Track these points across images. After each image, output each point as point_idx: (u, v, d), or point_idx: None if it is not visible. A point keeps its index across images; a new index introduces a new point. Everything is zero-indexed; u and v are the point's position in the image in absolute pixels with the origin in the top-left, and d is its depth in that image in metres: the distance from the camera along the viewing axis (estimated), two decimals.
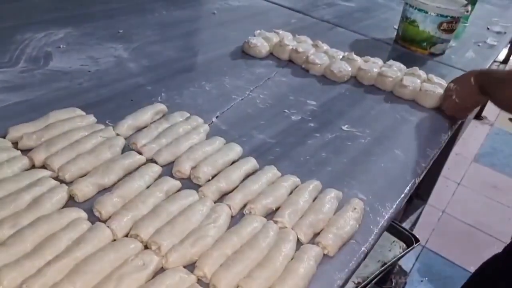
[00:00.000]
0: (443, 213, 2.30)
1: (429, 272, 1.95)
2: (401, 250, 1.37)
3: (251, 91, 1.10)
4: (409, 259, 1.95)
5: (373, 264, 1.31)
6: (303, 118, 1.03)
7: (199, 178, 0.76)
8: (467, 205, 2.38)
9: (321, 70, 1.23)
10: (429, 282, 1.91)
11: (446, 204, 2.36)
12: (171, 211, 0.68)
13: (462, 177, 2.60)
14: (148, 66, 1.13)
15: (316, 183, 0.80)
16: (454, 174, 2.57)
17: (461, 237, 2.17)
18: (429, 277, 1.93)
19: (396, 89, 1.20)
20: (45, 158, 0.74)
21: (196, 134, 0.87)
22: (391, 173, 0.90)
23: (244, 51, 1.29)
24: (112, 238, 0.63)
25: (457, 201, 2.40)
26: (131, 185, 0.71)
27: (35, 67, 1.04)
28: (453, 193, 2.46)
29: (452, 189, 2.49)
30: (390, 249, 1.38)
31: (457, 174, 2.60)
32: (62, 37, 1.20)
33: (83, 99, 0.95)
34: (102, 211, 0.67)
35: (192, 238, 0.64)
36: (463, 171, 2.65)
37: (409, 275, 1.90)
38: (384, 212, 0.79)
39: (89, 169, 0.74)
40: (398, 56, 1.46)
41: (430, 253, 2.05)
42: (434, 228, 2.19)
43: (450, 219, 2.28)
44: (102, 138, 0.81)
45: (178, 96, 1.02)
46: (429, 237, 2.12)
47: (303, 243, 0.69)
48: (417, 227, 1.88)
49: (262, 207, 0.72)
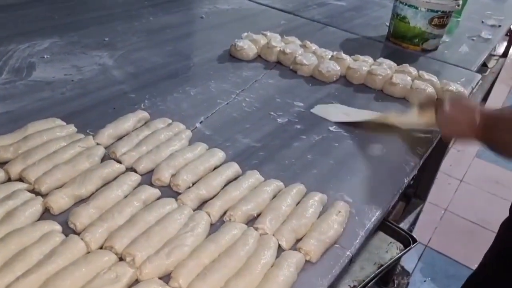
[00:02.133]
0: (446, 211, 2.27)
1: (432, 272, 1.92)
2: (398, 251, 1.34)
3: (237, 95, 1.08)
4: (412, 259, 1.92)
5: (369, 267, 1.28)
6: (289, 120, 1.01)
7: (178, 185, 0.75)
8: (470, 202, 2.35)
9: (309, 70, 1.21)
10: (432, 282, 1.88)
11: (448, 202, 2.32)
12: (148, 221, 0.66)
13: (464, 173, 2.56)
14: (132, 73, 1.12)
15: (300, 186, 0.78)
16: (456, 171, 2.53)
17: (465, 235, 2.13)
18: (432, 276, 1.89)
19: (386, 87, 1.18)
20: (21, 171, 0.73)
21: (178, 140, 0.85)
22: (380, 173, 0.88)
23: (231, 55, 1.27)
24: (86, 251, 0.62)
25: (460, 199, 2.36)
26: (108, 195, 0.70)
27: (18, 78, 1.03)
28: (456, 190, 2.43)
29: (454, 186, 2.46)
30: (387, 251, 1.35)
31: (459, 171, 2.56)
32: (47, 47, 1.19)
33: (65, 109, 0.93)
34: (76, 223, 0.65)
35: (168, 248, 0.62)
36: (466, 167, 2.62)
37: (411, 275, 1.87)
38: (371, 215, 0.77)
39: (66, 180, 0.73)
40: (390, 53, 1.44)
41: (433, 252, 2.01)
42: (437, 227, 2.15)
43: (453, 217, 2.24)
44: (81, 148, 0.79)
45: (162, 102, 1.01)
46: (431, 236, 2.09)
47: (285, 249, 0.67)
48: (419, 226, 1.85)
49: (243, 213, 0.70)
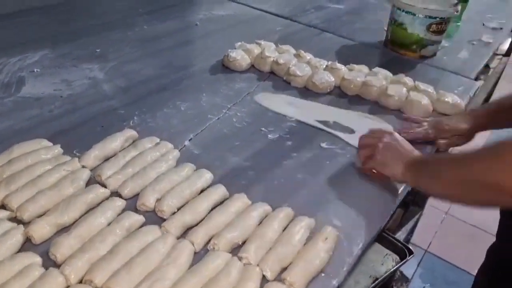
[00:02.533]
0: (446, 214, 2.25)
1: (432, 277, 1.90)
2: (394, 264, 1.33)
3: (228, 109, 1.07)
4: (411, 265, 1.91)
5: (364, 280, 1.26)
6: (280, 137, 0.99)
7: (163, 211, 0.73)
8: None
9: (303, 81, 1.19)
10: (431, 287, 1.86)
11: (449, 205, 2.30)
12: (130, 251, 0.65)
13: None
14: (123, 87, 1.10)
15: (287, 210, 0.77)
16: None
17: (465, 239, 2.12)
18: (431, 282, 1.88)
19: (381, 98, 1.15)
20: (3, 198, 0.72)
21: (165, 161, 0.84)
22: (371, 194, 0.86)
23: (224, 65, 1.26)
24: (66, 285, 0.61)
25: None
26: (91, 223, 0.69)
27: (6, 95, 1.02)
28: None
29: None
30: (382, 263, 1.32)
31: None
32: (37, 60, 1.18)
33: (52, 128, 0.92)
34: (57, 254, 0.64)
35: (149, 281, 0.61)
36: None
37: (410, 281, 1.85)
38: (360, 240, 0.76)
39: (50, 207, 0.72)
40: (387, 61, 1.41)
41: (433, 257, 2.00)
42: (437, 231, 2.14)
43: (454, 220, 2.22)
44: (66, 172, 0.78)
45: (152, 119, 0.99)
46: (431, 241, 2.07)
47: (269, 280, 0.66)
48: (419, 230, 1.83)
49: (227, 241, 0.69)
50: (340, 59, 1.31)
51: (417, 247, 2.00)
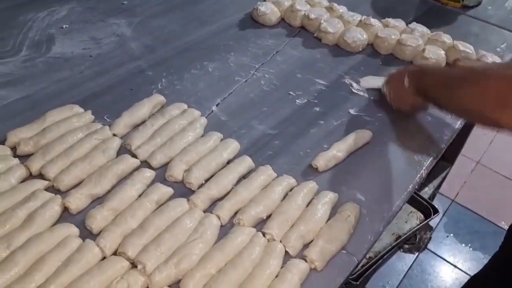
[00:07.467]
0: (478, 164, 2.21)
1: (456, 228, 1.92)
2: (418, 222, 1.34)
3: (256, 70, 1.05)
4: None
5: (387, 237, 1.29)
6: (308, 101, 0.98)
7: (191, 184, 0.76)
8: (505, 154, 2.27)
9: (334, 39, 1.14)
10: (454, 237, 1.89)
11: (481, 154, 2.26)
12: (159, 226, 0.68)
13: None
14: (150, 46, 1.09)
15: (312, 185, 0.78)
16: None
17: (494, 190, 2.09)
18: (455, 232, 1.90)
19: (417, 60, 1.10)
20: (40, 167, 0.76)
21: (192, 130, 0.85)
22: (397, 165, 0.85)
23: (253, 19, 1.22)
24: (101, 256, 0.65)
25: (494, 151, 2.28)
26: (122, 196, 0.72)
27: (37, 55, 1.03)
28: (491, 142, 2.34)
29: (490, 137, 2.36)
30: (406, 221, 1.35)
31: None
32: (66, 14, 1.17)
33: (82, 92, 0.94)
34: (92, 226, 0.68)
35: (177, 257, 0.65)
36: None
37: (434, 230, 1.88)
38: (381, 217, 0.76)
39: (83, 177, 0.75)
40: (426, 12, 1.33)
41: (459, 207, 2.00)
42: (466, 181, 2.12)
43: (485, 170, 2.19)
44: (97, 141, 0.81)
45: (179, 81, 0.99)
46: (459, 191, 2.06)
47: (292, 256, 0.68)
48: (447, 180, 1.82)
49: (252, 217, 0.72)
50: (375, 11, 1.24)
51: (444, 197, 2.01)
